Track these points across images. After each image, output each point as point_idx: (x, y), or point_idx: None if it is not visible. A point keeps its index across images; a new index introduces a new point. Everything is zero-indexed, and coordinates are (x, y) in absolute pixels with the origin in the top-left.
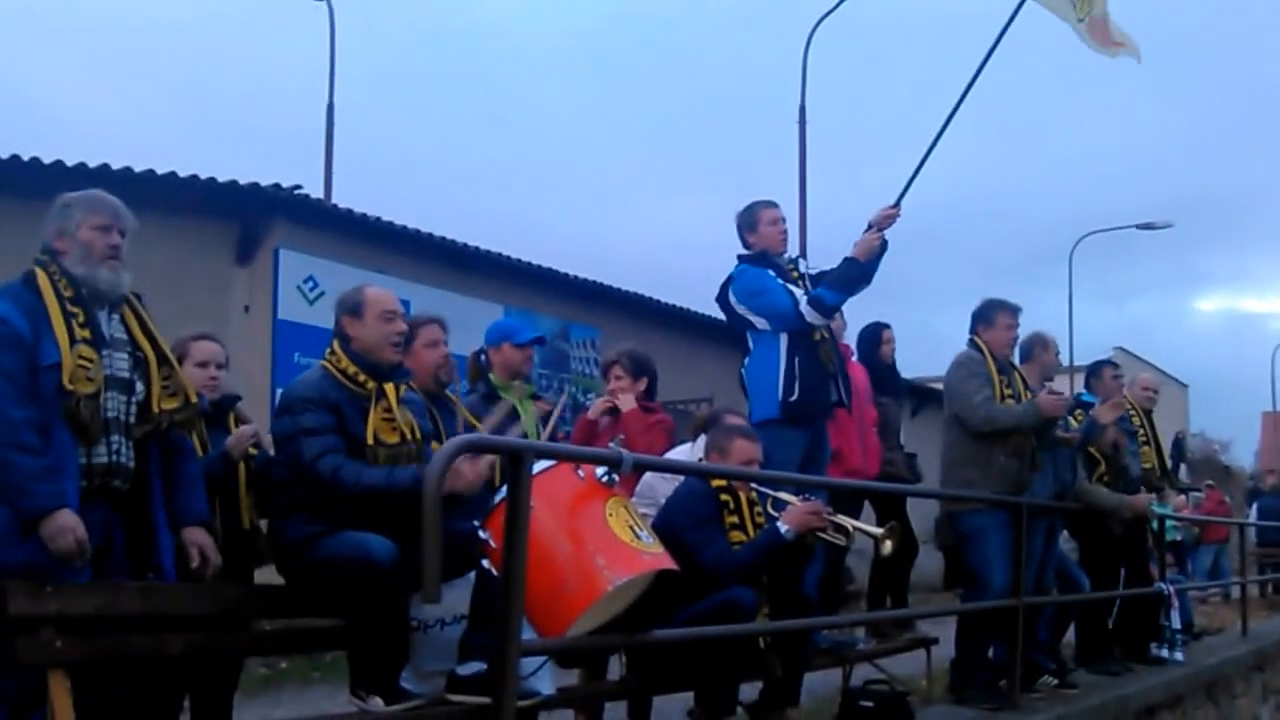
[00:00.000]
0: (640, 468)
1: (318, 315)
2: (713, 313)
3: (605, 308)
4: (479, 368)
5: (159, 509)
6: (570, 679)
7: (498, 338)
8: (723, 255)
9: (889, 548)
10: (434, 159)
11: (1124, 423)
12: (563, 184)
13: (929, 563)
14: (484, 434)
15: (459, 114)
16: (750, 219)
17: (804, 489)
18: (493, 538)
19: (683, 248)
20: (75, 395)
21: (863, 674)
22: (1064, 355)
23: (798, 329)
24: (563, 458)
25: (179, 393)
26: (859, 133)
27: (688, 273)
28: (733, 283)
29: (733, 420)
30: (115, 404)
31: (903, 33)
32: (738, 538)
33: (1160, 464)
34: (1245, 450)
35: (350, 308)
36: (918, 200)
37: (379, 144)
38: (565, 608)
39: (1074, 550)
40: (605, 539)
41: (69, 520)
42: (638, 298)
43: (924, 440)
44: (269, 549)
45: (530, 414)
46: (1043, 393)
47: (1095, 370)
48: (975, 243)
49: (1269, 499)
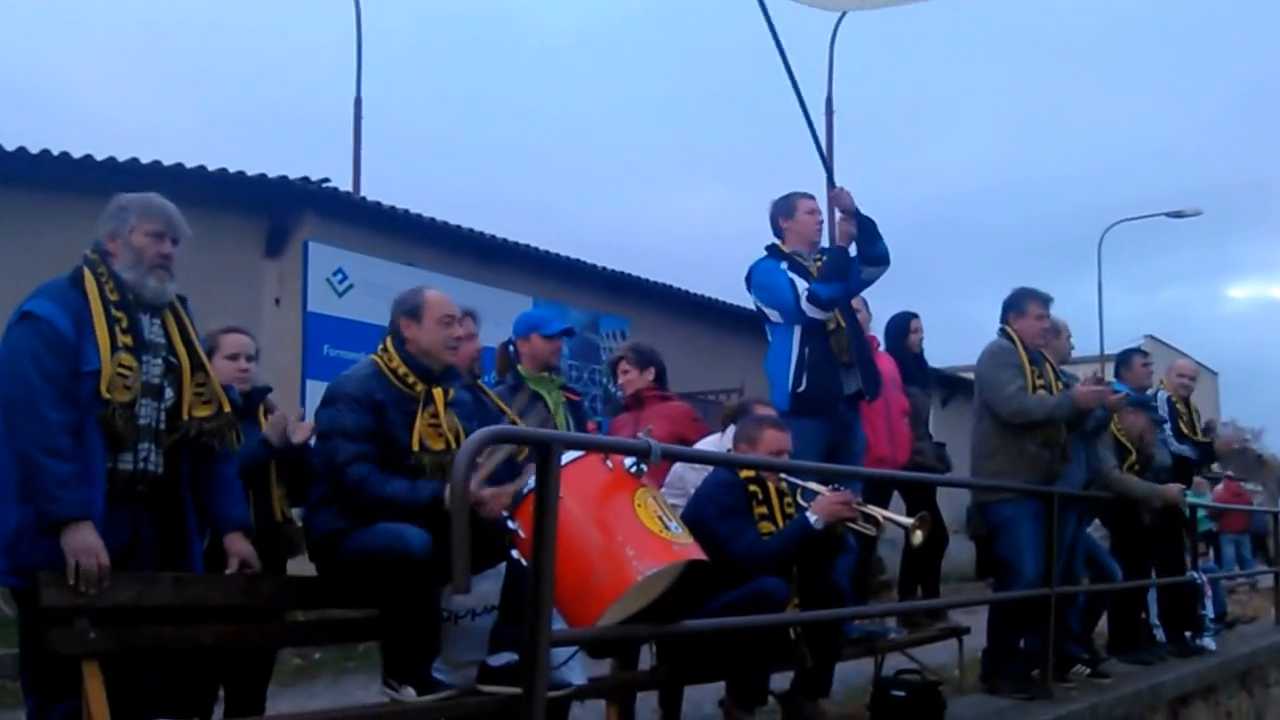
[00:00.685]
0: (669, 458)
1: (347, 307)
2: (742, 303)
3: (634, 298)
4: (507, 359)
5: (190, 514)
6: (601, 669)
7: (526, 329)
8: (752, 244)
9: (919, 538)
10: (462, 151)
11: (1153, 412)
12: (592, 174)
13: (960, 552)
14: (513, 426)
15: (487, 106)
16: (788, 207)
17: (833, 479)
18: (522, 528)
19: (712, 237)
20: (112, 404)
21: (894, 664)
22: (1094, 344)
23: (803, 323)
24: (591, 448)
25: (212, 400)
26: (883, 123)
27: (717, 262)
28: (750, 276)
29: (762, 410)
30: (149, 411)
31: (924, 21)
32: (767, 528)
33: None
34: (1277, 439)
35: (409, 310)
36: (948, 189)
37: (407, 136)
38: (595, 598)
39: (1105, 539)
40: (634, 529)
41: (94, 542)
42: (666, 288)
43: (953, 430)
44: (304, 540)
45: (559, 405)
46: (1078, 384)
47: (1125, 359)
48: (1005, 230)
49: None
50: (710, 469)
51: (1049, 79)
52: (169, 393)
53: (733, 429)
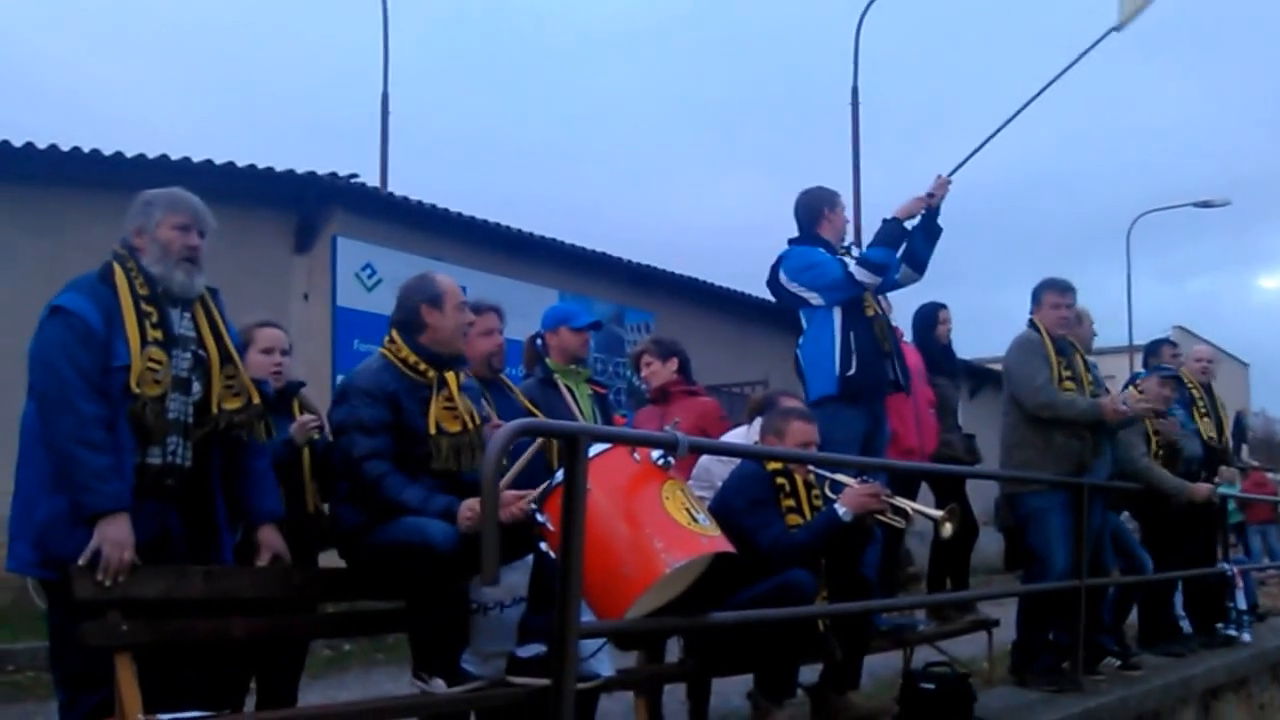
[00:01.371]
0: (696, 450)
1: (375, 302)
2: (767, 295)
3: (659, 291)
4: (535, 352)
5: (220, 507)
6: (628, 661)
7: (555, 322)
8: (777, 237)
9: (949, 530)
10: (489, 144)
11: (1176, 404)
12: (618, 167)
13: (989, 544)
14: (537, 419)
15: (513, 99)
16: (833, 200)
17: (862, 471)
18: (550, 521)
19: (737, 230)
20: (142, 398)
21: (922, 656)
22: (1123, 334)
23: (851, 294)
24: (618, 441)
25: (242, 393)
26: (912, 113)
27: (742, 255)
28: (782, 262)
29: (789, 402)
30: (178, 405)
31: (956, 11)
32: (794, 520)
33: (1220, 437)
34: None
35: (430, 298)
36: (976, 179)
37: (435, 131)
38: (623, 590)
39: (1136, 530)
40: (662, 521)
41: (126, 536)
42: (692, 281)
43: (981, 421)
44: (330, 533)
45: (586, 398)
46: (1107, 399)
47: (1154, 349)
48: (1035, 221)
49: None
50: (736, 461)
51: (1084, 70)
52: (197, 386)
53: (759, 421)
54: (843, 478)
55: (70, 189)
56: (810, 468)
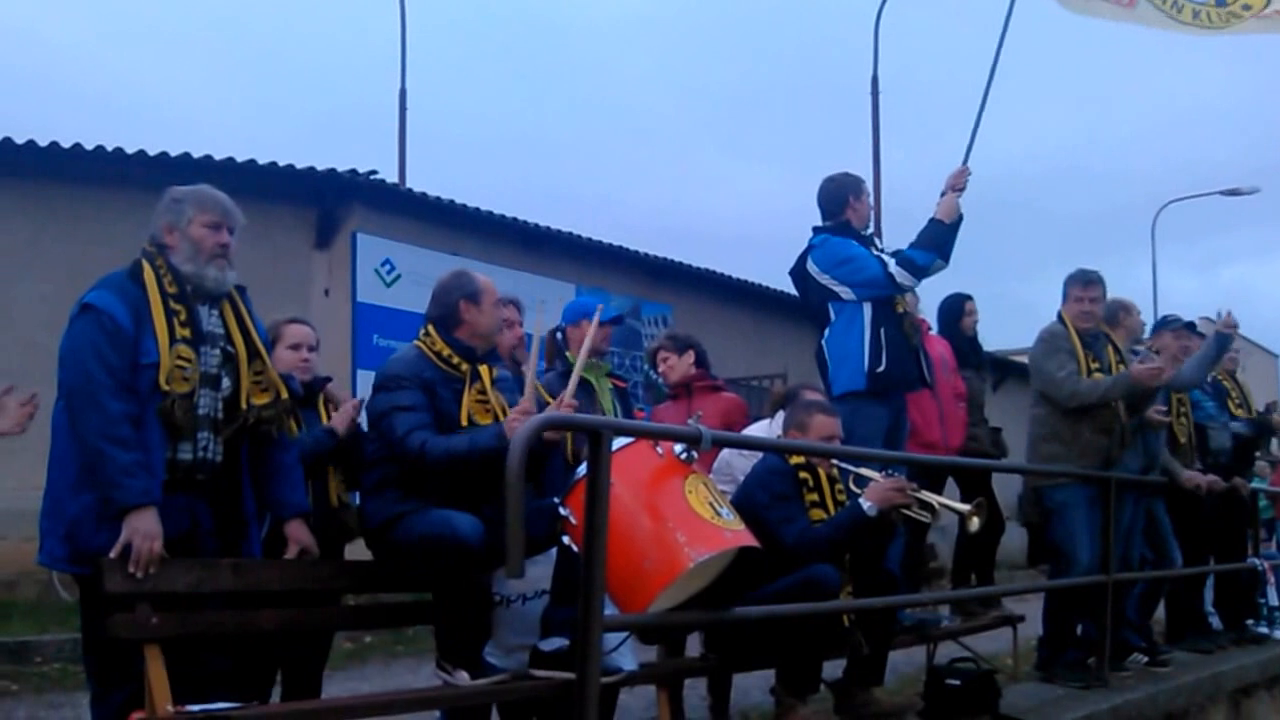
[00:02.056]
0: (719, 444)
1: (395, 297)
2: (785, 288)
3: (677, 285)
4: (556, 346)
5: (248, 501)
6: (649, 655)
7: (576, 316)
8: (796, 228)
9: (976, 524)
10: (506, 139)
11: (1208, 396)
12: (635, 159)
13: (1012, 539)
14: (564, 412)
15: (531, 92)
16: (858, 187)
17: (887, 465)
18: (573, 514)
19: (754, 222)
20: (171, 396)
21: (946, 652)
22: (1150, 324)
23: (887, 294)
24: (641, 435)
25: (270, 388)
26: (934, 101)
27: (760, 247)
28: (813, 252)
29: (812, 396)
30: (207, 401)
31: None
32: (818, 515)
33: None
34: None
35: (469, 294)
36: (1001, 168)
37: (452, 126)
38: (646, 584)
39: None
40: (686, 515)
41: (153, 527)
42: (709, 274)
43: (1005, 413)
44: (359, 526)
45: (607, 392)
46: (1135, 362)
47: (1157, 329)
48: (1062, 210)
49: None
50: (758, 456)
51: (1113, 56)
52: (226, 382)
53: (781, 415)
54: (867, 472)
55: (95, 187)
56: (834, 462)
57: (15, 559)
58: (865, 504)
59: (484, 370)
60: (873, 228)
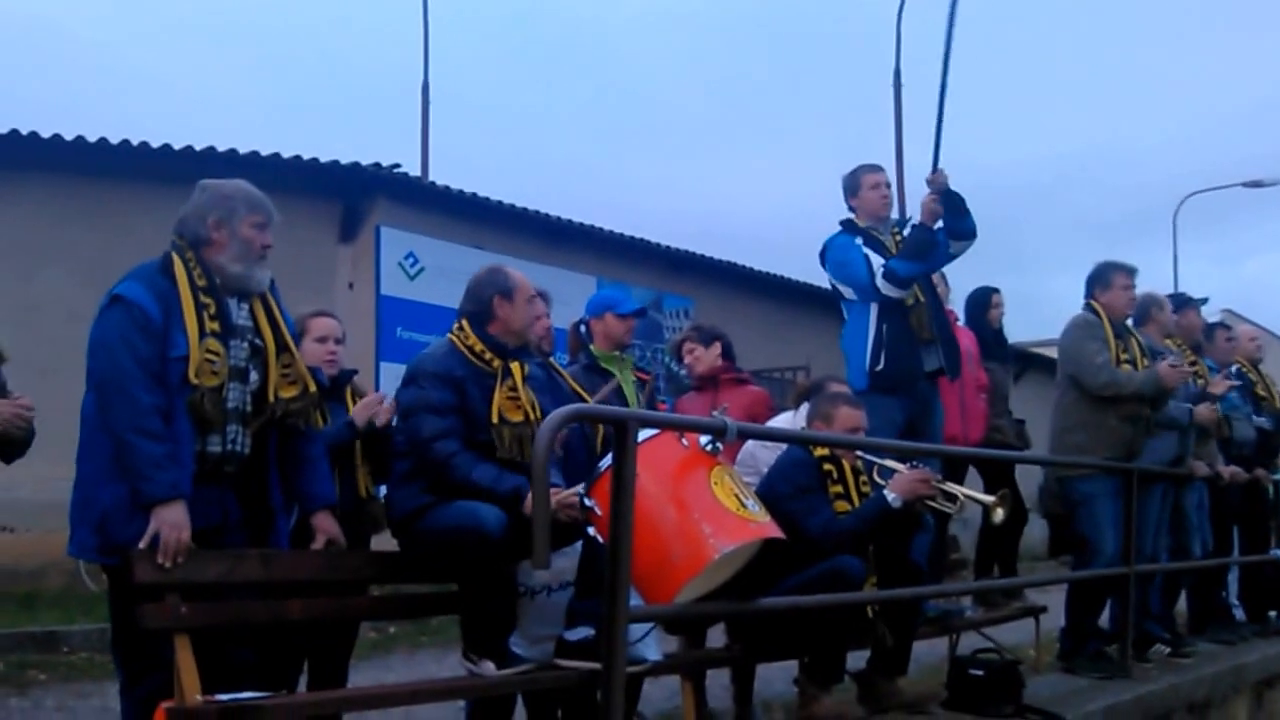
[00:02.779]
0: (744, 436)
1: (419, 290)
2: (807, 279)
3: (698, 277)
4: (579, 339)
5: (276, 493)
6: (671, 645)
7: (600, 308)
8: (817, 220)
9: (1000, 515)
10: (529, 131)
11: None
12: (657, 151)
13: (1034, 530)
14: (591, 404)
15: (554, 84)
16: (853, 183)
17: (910, 457)
18: (599, 506)
19: (776, 214)
20: (200, 389)
21: (968, 643)
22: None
23: (878, 300)
24: (667, 426)
25: (298, 381)
26: (958, 92)
27: (781, 239)
28: (826, 252)
29: (836, 388)
30: (236, 395)
31: None
32: (842, 507)
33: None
34: None
35: (503, 290)
36: (1026, 155)
37: (474, 118)
38: (671, 575)
39: None
40: (711, 507)
41: (181, 518)
42: (731, 266)
43: (1025, 405)
44: (385, 517)
45: (631, 384)
46: (1162, 363)
47: (1208, 333)
48: (1079, 202)
49: None
50: (783, 447)
51: (1133, 45)
52: (254, 376)
53: (806, 407)
54: (892, 463)
55: (122, 181)
56: (858, 454)
57: (42, 550)
58: (889, 495)
59: (515, 367)
60: (898, 214)
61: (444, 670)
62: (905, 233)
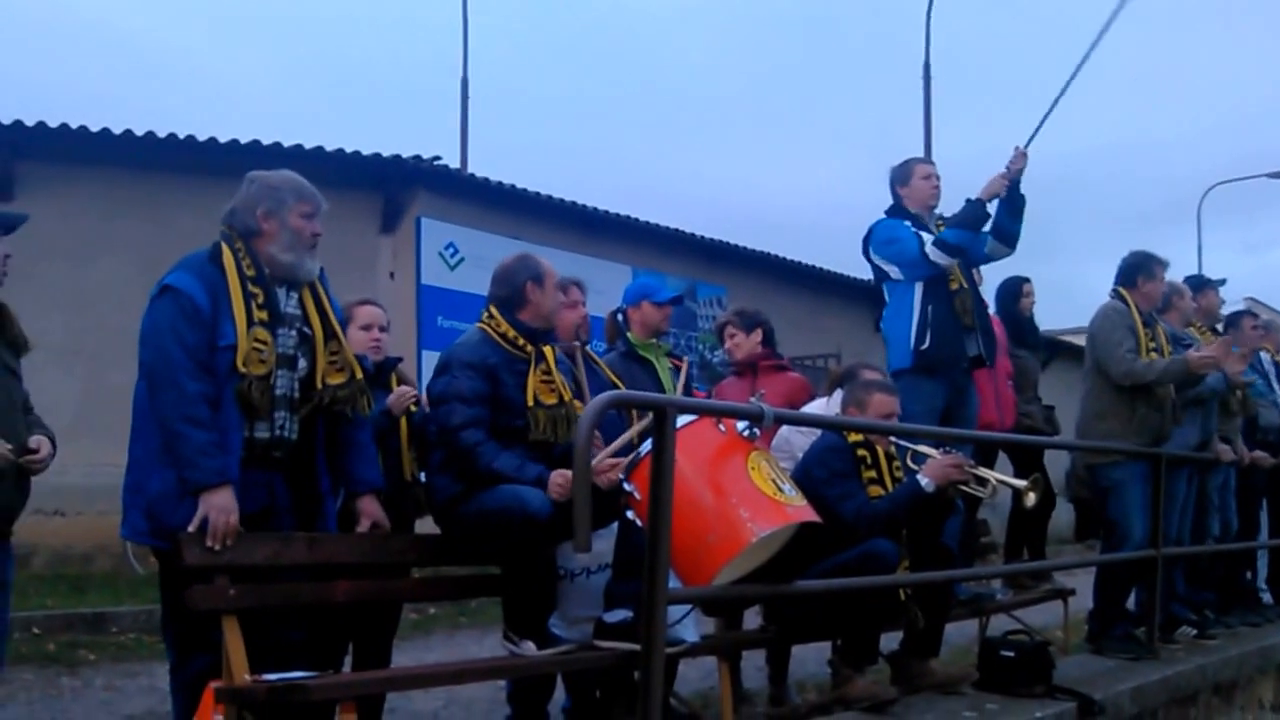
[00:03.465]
0: (781, 421)
1: (458, 280)
2: (838, 269)
3: (731, 266)
4: (617, 326)
5: (323, 477)
6: (707, 627)
7: (637, 296)
8: (851, 210)
9: (1032, 499)
10: (566, 122)
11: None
12: (692, 141)
13: (1061, 514)
14: (627, 391)
15: (590, 77)
16: (905, 173)
17: (944, 441)
18: (638, 490)
19: (809, 203)
20: (248, 378)
21: (998, 625)
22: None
23: (926, 273)
24: (705, 412)
25: (345, 368)
26: (989, 84)
27: (813, 228)
28: (871, 234)
29: (870, 374)
30: (284, 382)
31: None
32: (876, 492)
33: None
34: None
35: (534, 276)
36: (1055, 150)
37: (512, 110)
38: (709, 558)
39: None
40: (748, 491)
41: (229, 502)
42: (763, 256)
43: (1053, 391)
44: (426, 502)
45: (667, 371)
46: (1191, 350)
47: (1234, 321)
48: (1107, 193)
49: None
50: (817, 433)
51: (1161, 35)
52: (303, 363)
53: (839, 393)
54: (925, 449)
55: (170, 174)
56: (892, 439)
57: (92, 533)
58: (923, 480)
59: (548, 351)
60: (941, 207)
61: (483, 650)
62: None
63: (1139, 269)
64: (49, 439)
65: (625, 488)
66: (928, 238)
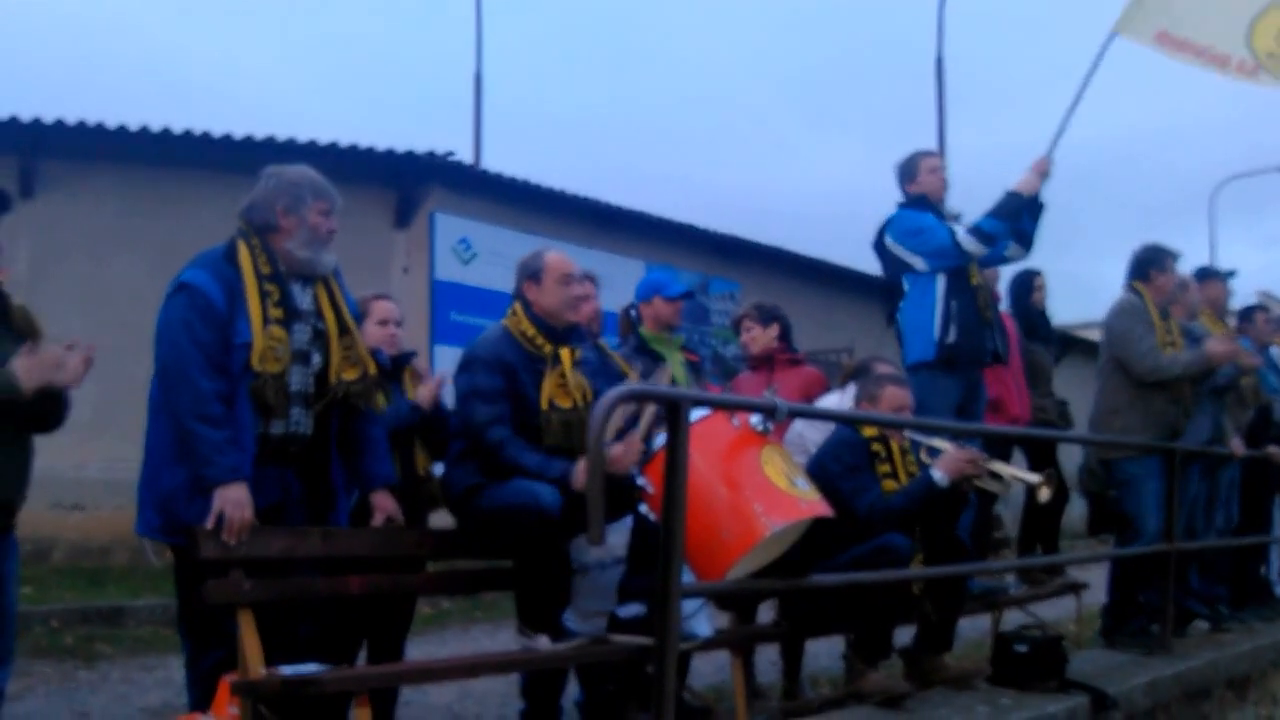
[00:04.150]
0: (795, 416)
1: (472, 275)
2: (850, 264)
3: (744, 261)
4: (629, 321)
5: (337, 472)
6: (721, 621)
7: (649, 291)
8: (862, 204)
9: (1046, 495)
10: (579, 117)
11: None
12: (704, 137)
13: (1073, 508)
14: (642, 384)
15: (604, 72)
16: (911, 167)
17: (957, 436)
18: (651, 484)
19: (821, 198)
20: (263, 376)
21: (1011, 619)
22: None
23: (956, 263)
24: (719, 406)
25: (359, 363)
26: (1001, 80)
27: (826, 223)
28: (889, 225)
29: (883, 368)
30: (299, 378)
31: None
32: (890, 486)
33: None
34: None
35: (531, 273)
36: (1069, 142)
37: (525, 104)
38: (723, 552)
39: None
40: (762, 485)
41: (243, 497)
42: (776, 250)
43: (1066, 385)
44: (442, 495)
45: (680, 365)
46: (1210, 340)
47: (1248, 315)
48: (1121, 186)
49: None
50: (830, 427)
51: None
52: (317, 358)
53: (853, 387)
54: (939, 442)
55: (185, 170)
56: (905, 433)
57: (108, 527)
58: (936, 474)
59: (564, 353)
60: (954, 202)
61: (497, 644)
62: (957, 215)
63: (1150, 262)
64: None
65: (638, 482)
66: (958, 226)
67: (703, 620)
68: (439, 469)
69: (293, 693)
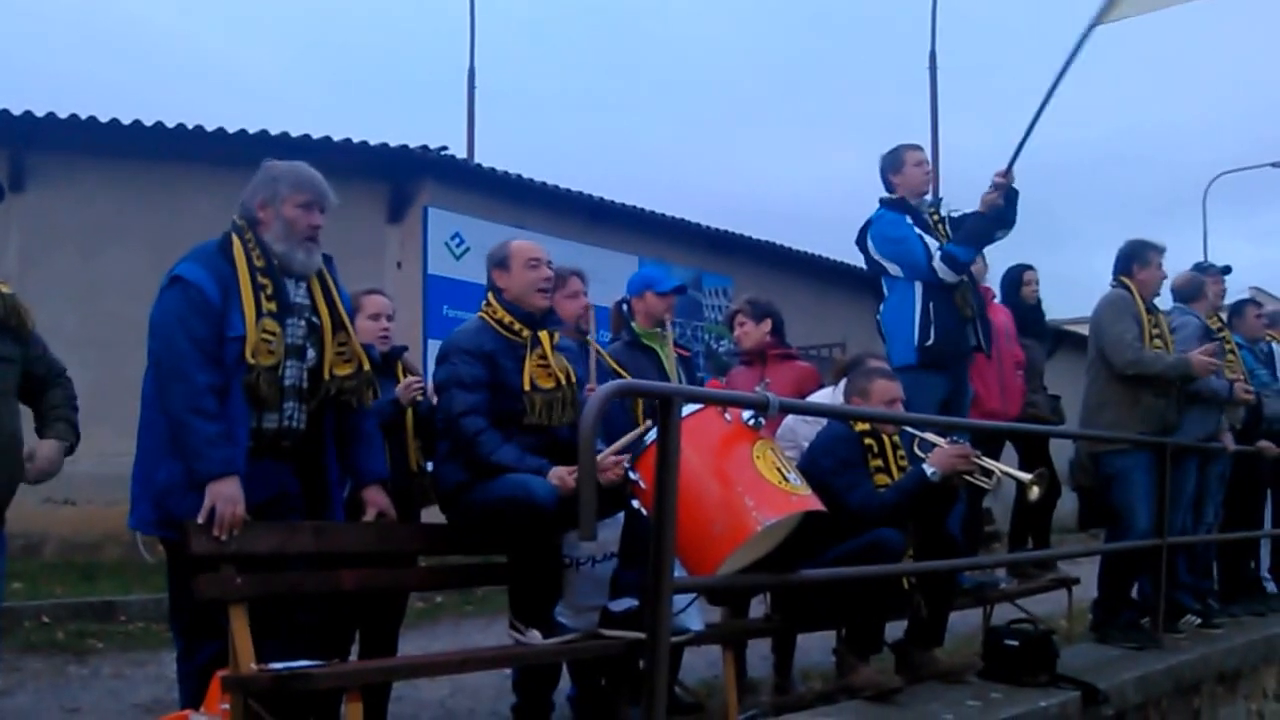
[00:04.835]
0: (787, 411)
1: (465, 270)
2: (843, 258)
3: (737, 256)
4: (621, 316)
5: (332, 466)
6: (713, 616)
7: (640, 286)
8: (855, 200)
9: (1036, 493)
10: (572, 112)
11: (1262, 365)
12: (697, 131)
13: (1065, 503)
14: (633, 380)
15: (596, 67)
16: (895, 160)
17: (949, 431)
18: (643, 479)
19: (814, 193)
20: (256, 369)
21: (1002, 614)
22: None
23: (929, 281)
24: (710, 401)
25: (353, 359)
26: (995, 73)
27: (819, 218)
28: (871, 227)
29: (873, 363)
30: (293, 372)
31: None
32: (882, 480)
33: None
34: None
35: (498, 261)
36: (1060, 139)
37: (518, 99)
38: (714, 547)
39: None
40: (753, 480)
41: (235, 492)
42: (769, 245)
43: (1058, 380)
44: (433, 490)
45: (671, 360)
46: (1195, 351)
47: (1238, 309)
48: (1112, 182)
49: None
50: (822, 422)
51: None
52: (311, 353)
53: (845, 383)
54: (931, 437)
55: (179, 164)
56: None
57: (100, 522)
58: (928, 469)
59: (544, 336)
60: (932, 194)
61: (489, 639)
62: (943, 214)
63: (1134, 257)
64: (58, 438)
65: (630, 476)
66: (934, 247)
67: (694, 615)
68: (430, 466)
69: (284, 688)
